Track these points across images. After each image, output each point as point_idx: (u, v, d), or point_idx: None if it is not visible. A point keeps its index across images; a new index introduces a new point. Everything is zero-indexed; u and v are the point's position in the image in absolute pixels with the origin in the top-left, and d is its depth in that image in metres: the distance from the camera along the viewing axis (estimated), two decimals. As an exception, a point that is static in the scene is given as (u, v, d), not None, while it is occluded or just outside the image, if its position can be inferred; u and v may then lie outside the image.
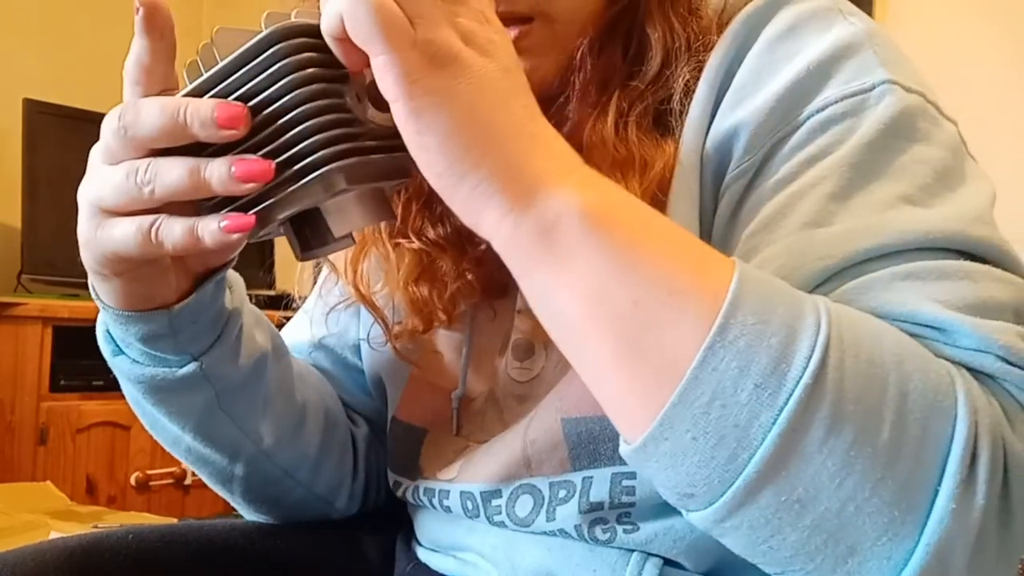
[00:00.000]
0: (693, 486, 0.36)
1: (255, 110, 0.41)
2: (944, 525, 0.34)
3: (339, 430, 0.67)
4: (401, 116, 0.38)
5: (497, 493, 0.55)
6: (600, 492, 0.51)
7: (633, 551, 0.51)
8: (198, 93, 0.42)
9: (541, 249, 0.38)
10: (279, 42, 0.41)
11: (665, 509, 0.50)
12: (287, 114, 0.41)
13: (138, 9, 0.43)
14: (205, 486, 0.66)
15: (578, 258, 0.37)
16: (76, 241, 0.49)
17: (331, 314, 0.68)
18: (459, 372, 0.58)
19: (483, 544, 0.57)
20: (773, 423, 0.34)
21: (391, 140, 0.42)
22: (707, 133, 0.50)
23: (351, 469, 0.67)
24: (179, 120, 0.41)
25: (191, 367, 0.53)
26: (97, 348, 0.57)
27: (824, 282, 0.42)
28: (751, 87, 0.49)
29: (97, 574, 0.56)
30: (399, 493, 0.63)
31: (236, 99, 0.41)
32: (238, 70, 0.41)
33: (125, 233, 0.45)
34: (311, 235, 0.45)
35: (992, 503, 0.35)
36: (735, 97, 0.50)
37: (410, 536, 0.65)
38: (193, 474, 2.49)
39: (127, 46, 0.43)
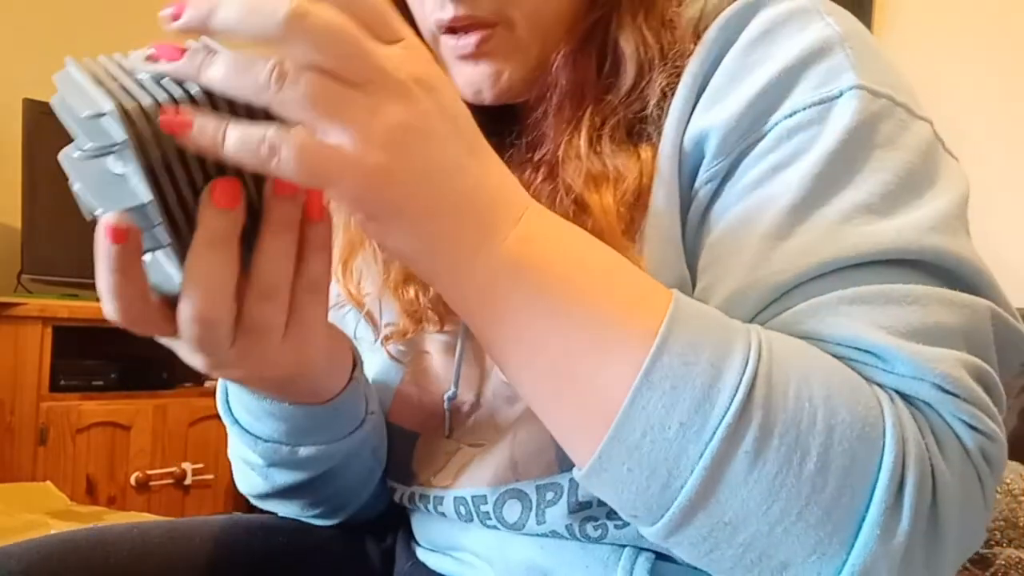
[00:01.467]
0: (635, 509, 0.40)
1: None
2: (869, 548, 0.37)
3: None
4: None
5: (484, 499, 0.55)
6: (587, 491, 0.51)
7: (625, 546, 0.51)
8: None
9: (482, 307, 0.41)
10: (143, 139, 0.36)
11: None
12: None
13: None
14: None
15: (513, 314, 0.40)
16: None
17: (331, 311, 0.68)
18: (451, 375, 0.58)
19: (478, 544, 0.57)
20: (700, 456, 0.37)
21: None
22: (683, 136, 0.50)
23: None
24: (214, 263, 0.39)
25: (370, 421, 0.57)
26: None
27: (778, 298, 0.44)
28: (725, 90, 0.50)
29: (101, 566, 0.56)
30: (395, 498, 0.63)
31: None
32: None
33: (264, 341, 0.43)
34: None
35: (918, 527, 0.38)
36: (709, 100, 0.50)
37: (410, 535, 0.65)
38: (193, 474, 2.51)
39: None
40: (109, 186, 0.37)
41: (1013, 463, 0.98)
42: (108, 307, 0.38)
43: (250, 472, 0.60)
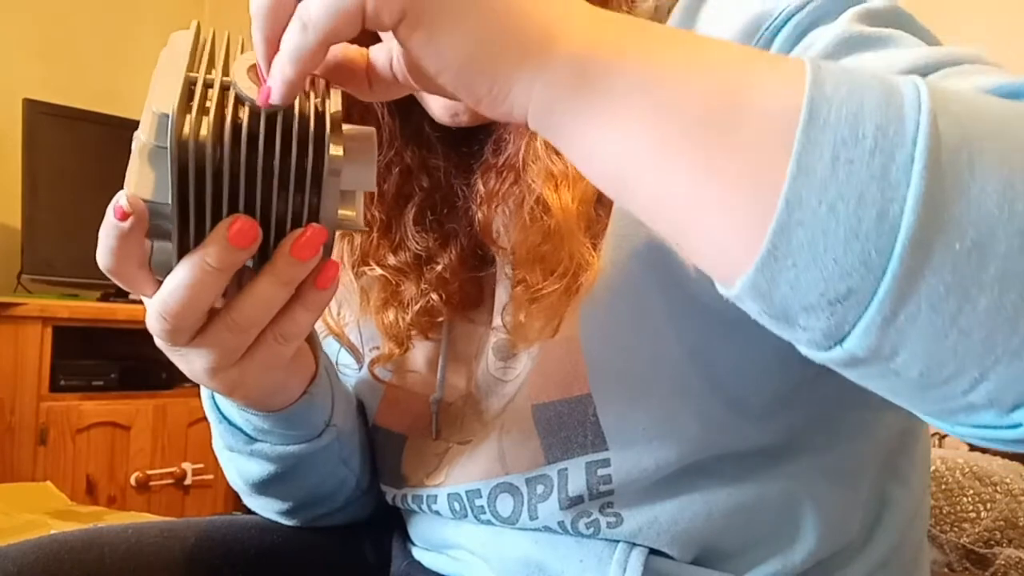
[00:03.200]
0: (847, 274, 0.29)
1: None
2: None
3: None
4: (406, 42, 0.35)
5: (478, 492, 0.55)
6: (577, 484, 0.51)
7: (619, 542, 0.52)
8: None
9: (581, 101, 0.33)
10: (184, 154, 0.37)
11: (647, 497, 0.51)
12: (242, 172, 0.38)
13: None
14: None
15: (624, 89, 0.33)
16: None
17: None
18: (435, 377, 0.59)
19: (472, 541, 0.57)
20: (911, 160, 0.29)
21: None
22: None
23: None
24: (205, 272, 0.39)
25: (329, 432, 0.57)
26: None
27: None
28: (716, 24, 0.49)
29: (97, 567, 0.56)
30: (388, 500, 0.63)
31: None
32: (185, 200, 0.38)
33: (258, 359, 0.44)
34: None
35: None
36: None
37: (405, 535, 0.65)
38: (193, 474, 2.51)
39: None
40: (143, 172, 0.38)
41: (1013, 463, 0.99)
42: (102, 259, 0.39)
43: (227, 464, 0.61)
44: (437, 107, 0.52)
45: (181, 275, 0.39)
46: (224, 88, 0.38)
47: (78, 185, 2.34)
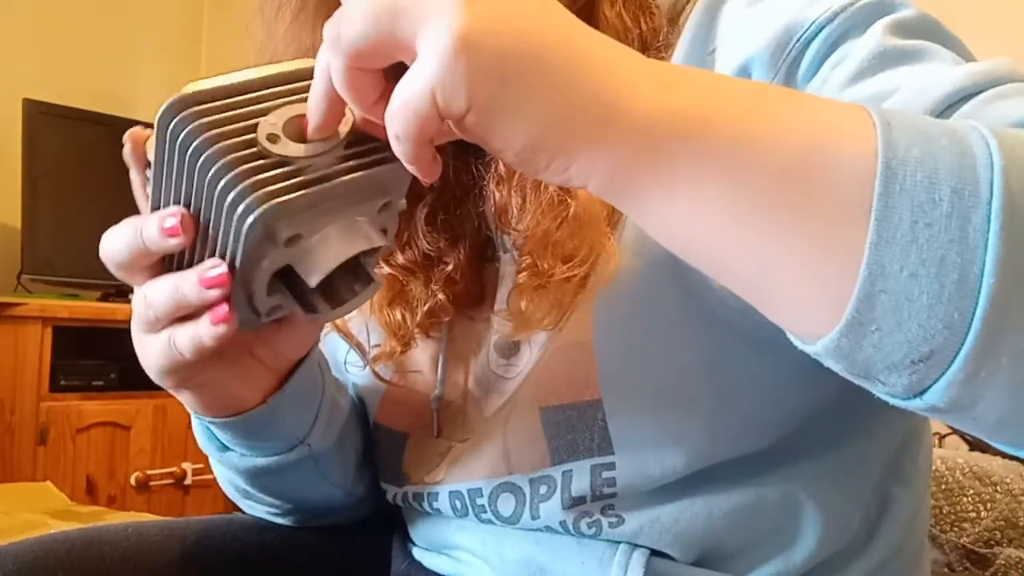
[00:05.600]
0: (929, 337, 0.30)
1: (196, 201, 0.40)
2: None
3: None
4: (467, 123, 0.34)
5: (479, 491, 0.55)
6: (581, 485, 0.51)
7: (620, 543, 0.51)
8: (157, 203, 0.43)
9: (647, 172, 0.33)
10: (167, 127, 0.39)
11: (648, 499, 0.51)
12: (213, 189, 0.39)
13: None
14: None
15: (694, 161, 0.32)
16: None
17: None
18: (436, 376, 0.59)
19: (472, 541, 0.57)
20: (987, 221, 0.29)
21: (336, 166, 0.39)
22: None
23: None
24: (139, 244, 0.42)
25: (300, 450, 0.56)
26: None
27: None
28: (737, 41, 0.49)
29: (97, 566, 0.57)
30: (388, 498, 0.63)
31: (180, 198, 0.41)
32: (161, 170, 0.41)
33: (157, 350, 0.46)
34: (308, 297, 0.44)
35: None
36: (727, 55, 0.49)
37: (405, 535, 0.65)
38: (193, 474, 2.51)
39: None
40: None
41: (1013, 463, 0.99)
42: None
43: (214, 468, 0.62)
44: None
45: (123, 229, 0.43)
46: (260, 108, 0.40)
47: (78, 185, 2.34)
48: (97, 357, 2.23)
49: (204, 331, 0.43)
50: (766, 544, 0.51)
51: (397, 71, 0.35)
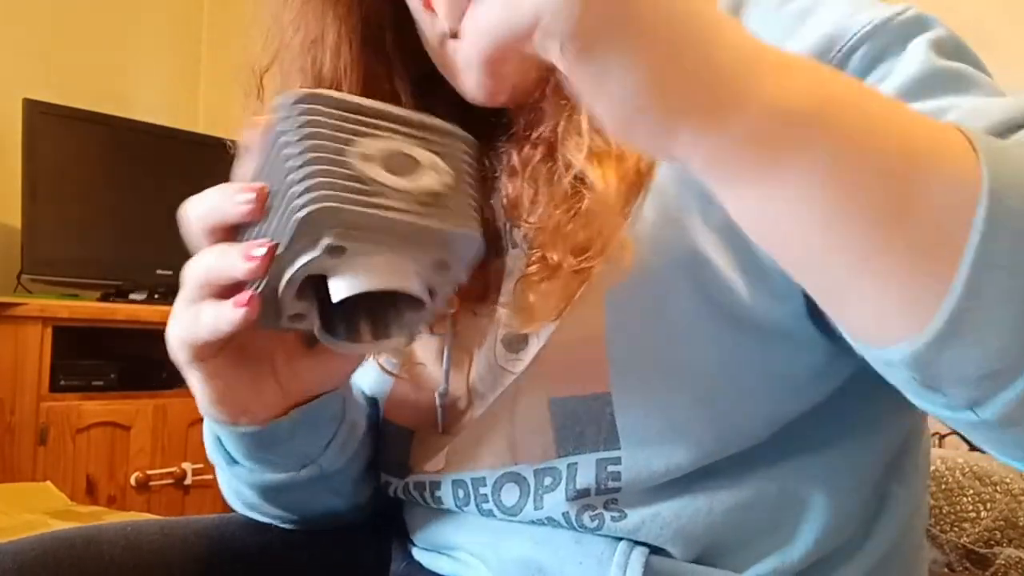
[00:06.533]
0: (1005, 356, 0.31)
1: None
2: None
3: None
4: (573, 68, 0.31)
5: (483, 481, 0.55)
6: (586, 478, 0.51)
7: (620, 539, 0.51)
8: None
9: (751, 164, 0.32)
10: (286, 111, 0.41)
11: (651, 494, 0.51)
12: (287, 174, 0.40)
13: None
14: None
15: (801, 158, 0.31)
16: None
17: None
18: (441, 371, 0.59)
19: (471, 542, 0.57)
20: None
21: (412, 207, 0.40)
22: None
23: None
24: (217, 205, 0.44)
25: (311, 469, 0.57)
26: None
27: None
28: (772, 38, 0.49)
29: (96, 565, 0.57)
30: (389, 492, 0.63)
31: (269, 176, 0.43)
32: (266, 153, 0.42)
33: (183, 319, 0.47)
34: (332, 319, 0.45)
35: None
36: None
37: (405, 535, 0.65)
38: (193, 474, 2.51)
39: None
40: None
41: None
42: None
43: (219, 478, 0.62)
44: (472, 85, 0.50)
45: (214, 191, 0.45)
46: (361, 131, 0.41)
47: (78, 185, 2.33)
48: (97, 357, 2.23)
49: (225, 313, 0.44)
50: (765, 541, 0.51)
51: None
